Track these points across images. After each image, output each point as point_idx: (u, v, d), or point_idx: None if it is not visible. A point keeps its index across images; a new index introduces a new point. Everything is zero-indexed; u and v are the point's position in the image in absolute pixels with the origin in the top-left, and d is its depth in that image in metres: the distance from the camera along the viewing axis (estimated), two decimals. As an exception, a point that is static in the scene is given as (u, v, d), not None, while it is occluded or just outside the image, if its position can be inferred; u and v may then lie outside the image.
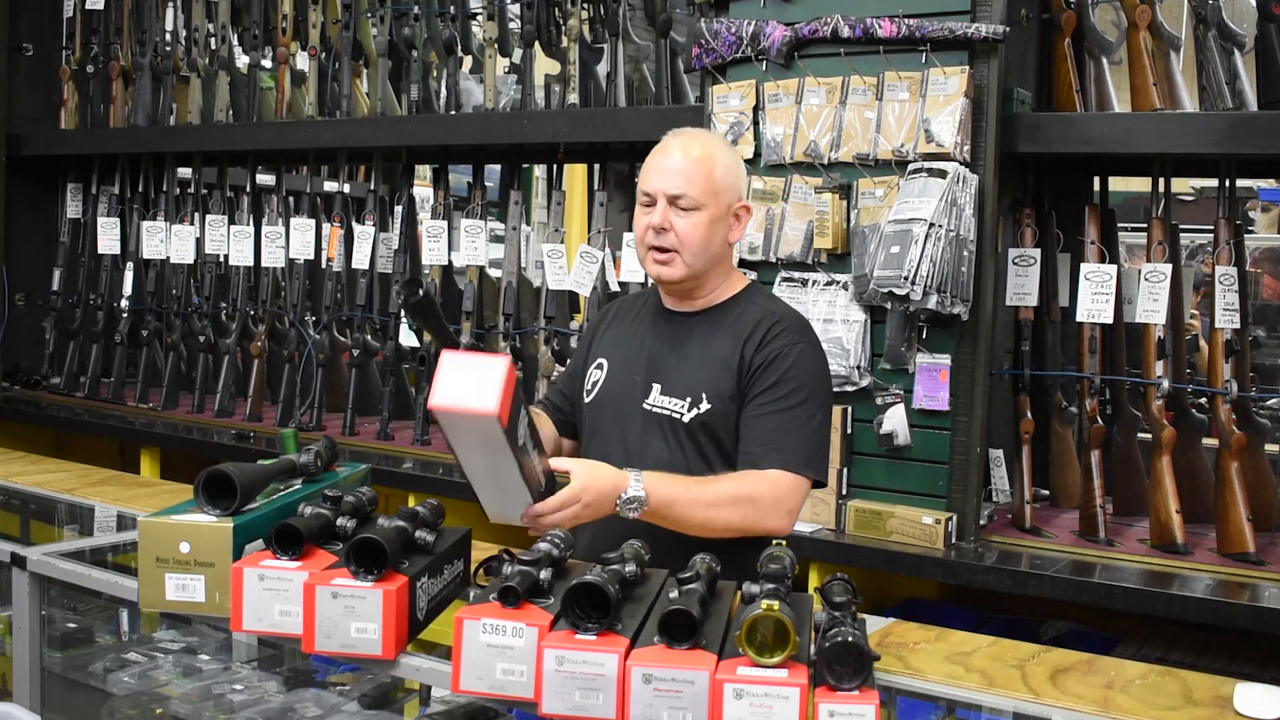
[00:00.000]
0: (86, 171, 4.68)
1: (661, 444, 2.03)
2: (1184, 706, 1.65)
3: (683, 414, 2.01)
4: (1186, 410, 2.90)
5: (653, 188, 2.00)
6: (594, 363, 2.17)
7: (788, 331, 2.01)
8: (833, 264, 2.86)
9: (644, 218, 2.01)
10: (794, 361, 1.98)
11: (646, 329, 2.13)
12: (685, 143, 2.03)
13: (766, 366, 1.98)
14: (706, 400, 2.00)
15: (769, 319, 2.02)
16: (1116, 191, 3.44)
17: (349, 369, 3.95)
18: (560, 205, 3.71)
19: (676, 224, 1.98)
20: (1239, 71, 2.67)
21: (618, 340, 2.17)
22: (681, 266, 2.00)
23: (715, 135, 2.11)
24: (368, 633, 1.56)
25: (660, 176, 1.99)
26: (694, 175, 1.98)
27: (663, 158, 2.02)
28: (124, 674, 2.42)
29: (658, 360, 2.07)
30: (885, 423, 2.75)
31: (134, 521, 2.31)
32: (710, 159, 2.00)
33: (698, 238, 1.98)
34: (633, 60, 3.59)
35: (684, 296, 2.08)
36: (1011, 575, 2.58)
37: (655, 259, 2.02)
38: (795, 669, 1.39)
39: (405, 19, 3.88)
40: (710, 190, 1.98)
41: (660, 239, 1.99)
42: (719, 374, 2.01)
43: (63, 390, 4.56)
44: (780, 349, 1.99)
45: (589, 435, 2.15)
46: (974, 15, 2.67)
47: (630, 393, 2.07)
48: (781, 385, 1.97)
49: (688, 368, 2.04)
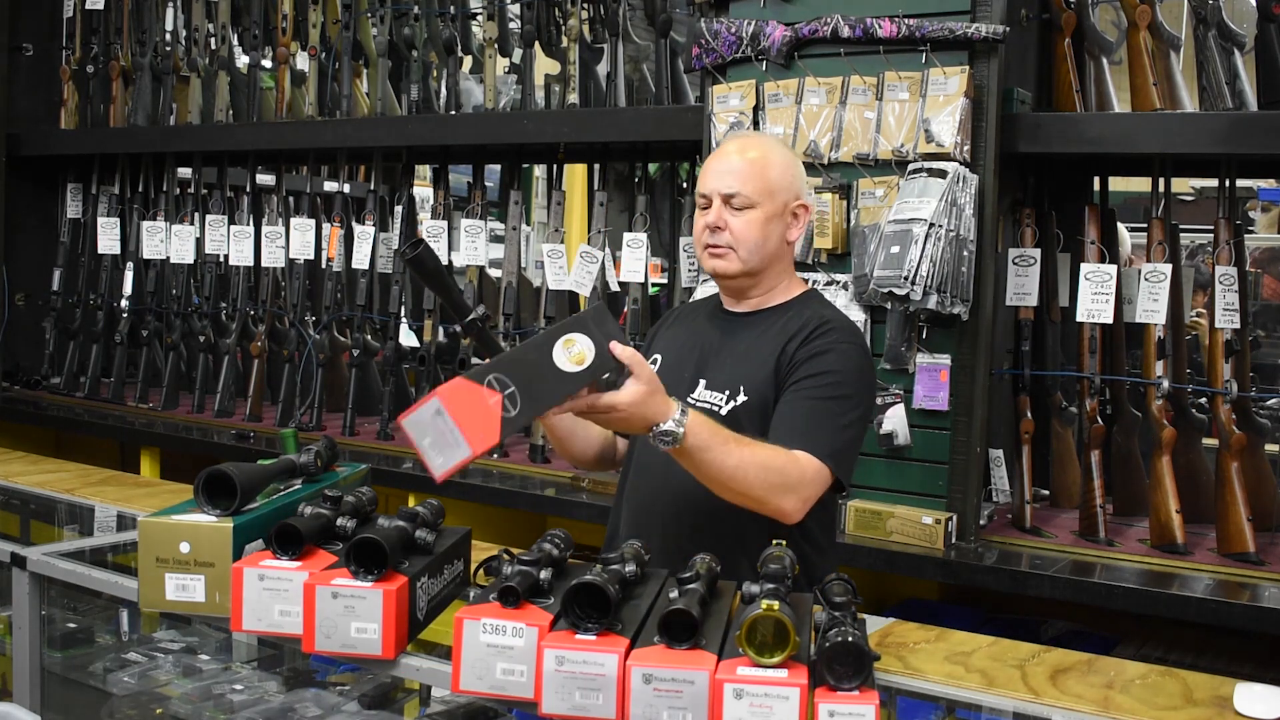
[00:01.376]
0: (86, 171, 4.67)
1: None
2: (1184, 706, 1.65)
3: (720, 406, 2.02)
4: (1186, 410, 2.90)
5: (708, 189, 2.04)
6: (650, 359, 2.17)
7: (835, 331, 2.01)
8: (833, 264, 2.86)
9: (701, 218, 2.05)
10: (838, 357, 1.97)
11: (703, 328, 2.16)
12: (741, 145, 2.07)
13: (808, 359, 1.98)
14: (744, 393, 2.01)
15: (817, 319, 2.03)
16: (1116, 191, 3.44)
17: (349, 369, 3.95)
18: (560, 205, 3.71)
19: (731, 222, 2.01)
20: (1239, 71, 2.67)
21: (675, 338, 2.19)
22: (736, 261, 2.02)
23: (772, 138, 2.17)
24: (368, 633, 1.56)
25: (715, 178, 2.03)
26: (747, 175, 2.01)
27: (719, 159, 2.06)
28: (124, 674, 2.42)
29: (707, 357, 2.09)
30: (885, 423, 2.75)
31: (134, 521, 2.31)
32: (765, 159, 2.03)
33: (753, 235, 2.01)
34: (633, 60, 3.59)
35: (741, 295, 2.10)
36: (1011, 575, 2.58)
37: (711, 252, 2.04)
38: (795, 669, 1.39)
39: (405, 19, 3.88)
40: (765, 189, 2.01)
41: (715, 237, 2.02)
42: (758, 368, 2.02)
43: (63, 390, 4.56)
44: (825, 345, 1.98)
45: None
46: (974, 15, 2.67)
47: (677, 388, 2.05)
48: (821, 377, 1.95)
49: (731, 363, 2.06)
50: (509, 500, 3.19)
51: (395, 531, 1.66)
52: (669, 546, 1.92)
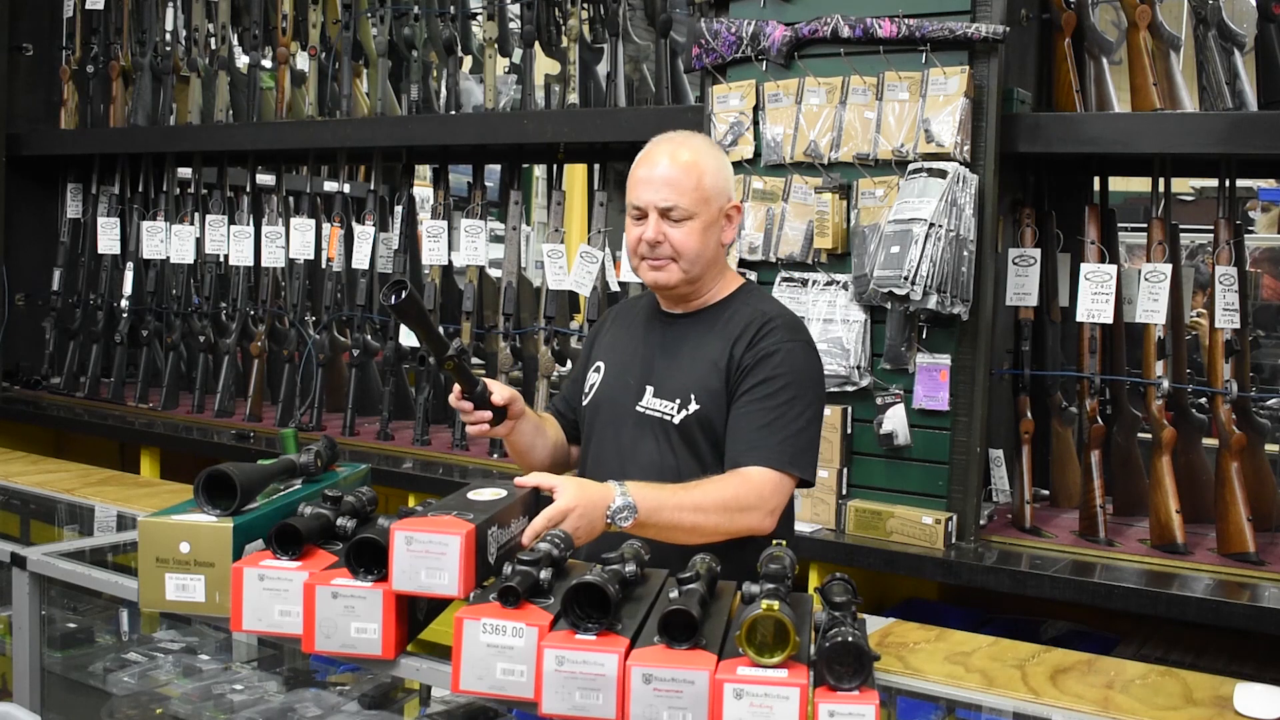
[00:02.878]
0: (86, 171, 4.68)
1: (653, 446, 2.03)
2: (1184, 706, 1.65)
3: (673, 415, 2.02)
4: (1186, 410, 2.90)
5: (643, 201, 1.99)
6: (592, 365, 2.18)
7: (778, 330, 2.00)
8: (833, 264, 2.85)
9: (635, 229, 2.00)
10: (783, 358, 1.97)
11: (641, 332, 2.13)
12: (671, 150, 2.01)
13: (755, 364, 1.97)
14: (696, 401, 2.00)
15: (760, 318, 2.02)
16: (1116, 191, 3.44)
17: (349, 369, 3.95)
18: (560, 205, 3.71)
19: (670, 234, 1.98)
20: (1239, 71, 2.67)
21: (615, 343, 2.17)
22: (678, 272, 2.00)
23: (699, 138, 2.10)
24: (368, 633, 1.56)
25: (649, 189, 1.98)
26: (683, 185, 1.97)
27: (649, 167, 2.00)
28: (124, 674, 2.42)
29: (651, 363, 2.08)
30: (885, 423, 2.75)
31: (134, 521, 2.31)
32: (698, 166, 1.99)
33: (693, 246, 1.98)
34: (633, 60, 3.59)
35: (680, 300, 2.08)
36: (1011, 575, 2.58)
37: (650, 265, 2.01)
38: (795, 669, 1.39)
39: (405, 19, 3.88)
40: (701, 199, 1.98)
41: (655, 251, 1.99)
42: (708, 374, 2.01)
43: (63, 390, 4.56)
44: (770, 346, 1.98)
45: (585, 438, 2.16)
46: (974, 15, 2.67)
47: (624, 395, 2.08)
48: (769, 383, 1.96)
49: (678, 369, 2.05)
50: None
51: (395, 531, 1.66)
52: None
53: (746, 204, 2.95)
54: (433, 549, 1.53)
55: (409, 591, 1.55)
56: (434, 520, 1.56)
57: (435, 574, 1.53)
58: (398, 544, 1.53)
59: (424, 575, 1.53)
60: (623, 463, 2.04)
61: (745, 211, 2.95)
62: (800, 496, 2.82)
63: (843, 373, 2.78)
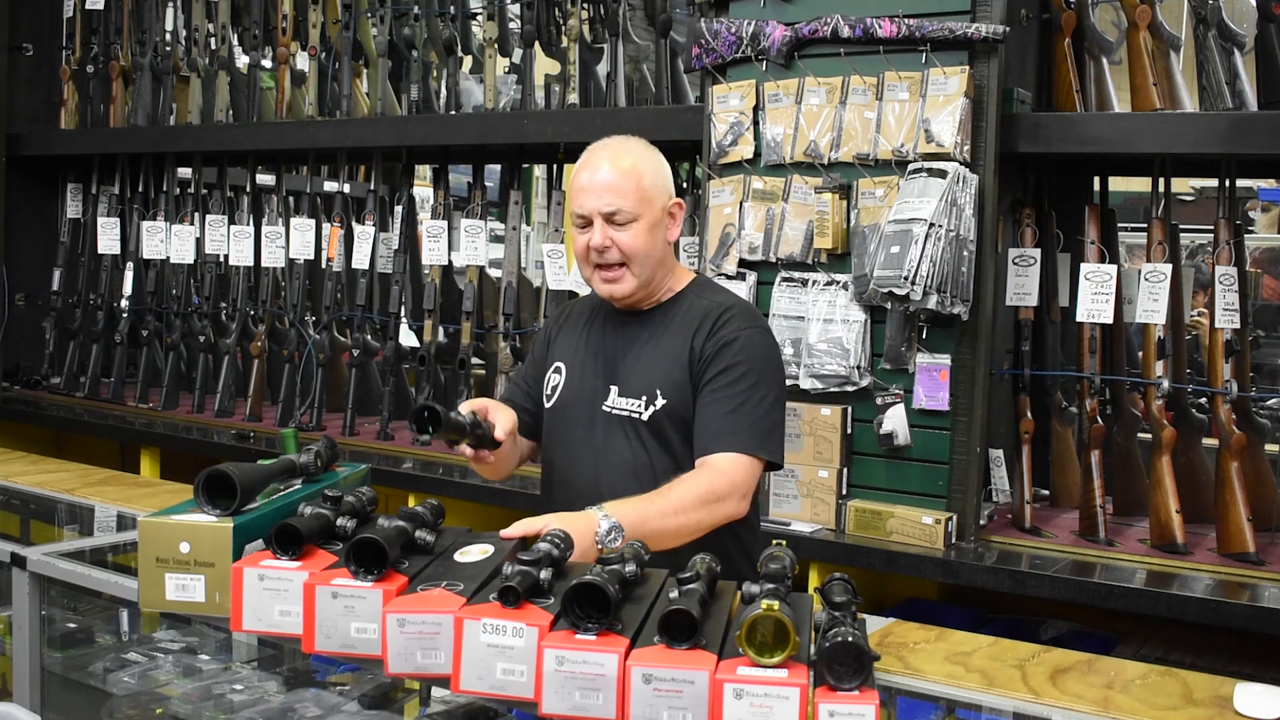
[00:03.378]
0: (86, 171, 4.68)
1: (624, 444, 2.05)
2: (1184, 706, 1.65)
3: (641, 413, 2.04)
4: (1186, 410, 2.90)
5: (586, 209, 2.01)
6: (551, 366, 2.19)
7: (735, 318, 2.04)
8: (833, 264, 2.85)
9: (582, 237, 2.03)
10: (742, 346, 2.01)
11: (599, 332, 2.15)
12: (611, 155, 2.04)
13: (716, 354, 2.01)
14: (662, 396, 2.03)
15: (716, 309, 2.06)
16: (1116, 191, 3.43)
17: (349, 369, 3.95)
18: (560, 205, 3.70)
19: (617, 238, 2.00)
20: (1239, 71, 2.67)
21: (573, 344, 2.19)
22: (631, 279, 2.03)
23: (635, 141, 2.11)
24: (368, 633, 1.56)
25: (591, 196, 2.01)
26: (623, 188, 1.99)
27: (590, 174, 2.03)
28: (124, 674, 2.42)
29: (613, 362, 2.10)
30: (885, 423, 2.75)
31: (134, 521, 2.31)
32: (636, 168, 2.02)
33: (640, 247, 2.01)
34: (633, 60, 3.59)
35: (635, 305, 2.12)
36: (1011, 575, 2.58)
37: (604, 278, 2.04)
38: (795, 669, 1.39)
39: (405, 19, 3.88)
40: (643, 199, 2.01)
41: (604, 256, 2.01)
42: (670, 368, 2.04)
43: (63, 390, 4.56)
44: (729, 335, 2.02)
45: (552, 441, 2.17)
46: (974, 15, 2.67)
47: (589, 397, 2.10)
48: (731, 370, 1.99)
49: (641, 367, 2.07)
50: (508, 500, 3.19)
51: (395, 531, 1.66)
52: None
53: (747, 204, 2.95)
54: (426, 629, 1.51)
55: (405, 674, 1.54)
56: (425, 597, 1.55)
57: (431, 654, 1.51)
58: (390, 626, 1.52)
59: (419, 656, 1.52)
60: (596, 463, 2.07)
61: (745, 211, 2.95)
62: (801, 497, 2.82)
63: (843, 373, 2.78)
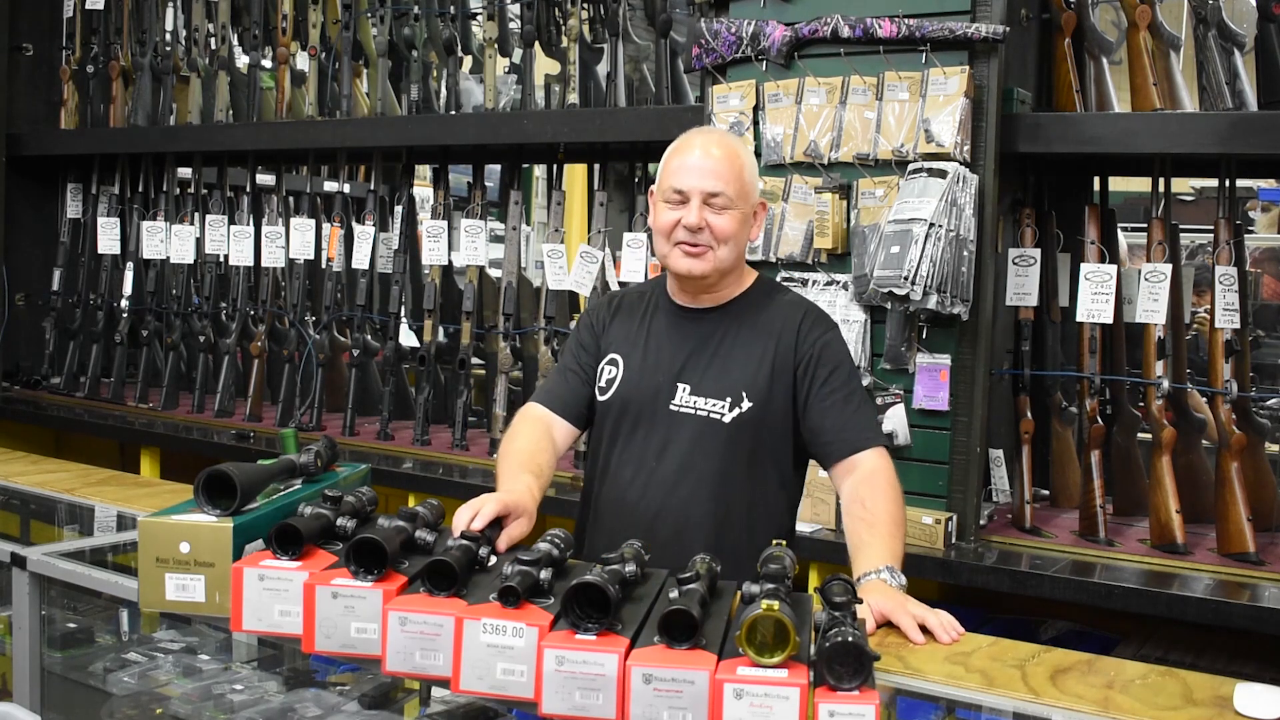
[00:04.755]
0: (86, 171, 4.68)
1: (692, 445, 2.03)
2: (1184, 706, 1.64)
3: (723, 414, 2.02)
4: (1186, 410, 2.90)
5: (687, 185, 1.98)
6: (605, 358, 2.13)
7: (819, 321, 2.08)
8: (833, 264, 2.85)
9: (672, 213, 1.99)
10: (836, 345, 2.07)
11: (662, 327, 2.10)
12: (715, 140, 2.04)
13: (818, 358, 2.03)
14: (748, 398, 2.02)
15: (795, 310, 2.08)
16: (1116, 191, 3.44)
17: (349, 369, 3.95)
18: (560, 205, 3.71)
19: (714, 222, 1.98)
20: (1239, 71, 2.67)
21: (629, 337, 2.13)
22: (713, 260, 2.00)
23: (734, 136, 2.15)
24: (368, 633, 1.56)
25: (694, 175, 1.98)
26: (727, 175, 1.99)
27: (697, 155, 2.00)
28: (124, 674, 2.41)
29: (681, 360, 2.06)
30: (885, 423, 2.75)
31: (134, 521, 2.31)
32: (739, 159, 2.02)
33: (733, 233, 2.00)
34: (633, 60, 3.59)
35: (700, 293, 2.07)
36: (1011, 575, 2.58)
37: (687, 251, 2.00)
38: (795, 669, 1.39)
39: (405, 19, 3.88)
40: (742, 190, 2.01)
41: (697, 237, 1.98)
42: (756, 371, 2.02)
43: (63, 390, 4.56)
44: (820, 337, 2.05)
45: (609, 437, 2.11)
46: (974, 15, 2.67)
47: (654, 394, 2.06)
48: (839, 373, 2.03)
49: (721, 367, 2.04)
50: (509, 500, 3.18)
51: (395, 531, 1.66)
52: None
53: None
54: (427, 629, 1.51)
55: (402, 673, 1.54)
56: (428, 599, 1.55)
57: (430, 655, 1.51)
58: (392, 624, 1.52)
59: (419, 656, 1.52)
60: (659, 464, 2.04)
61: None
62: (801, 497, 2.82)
63: (843, 373, 2.78)
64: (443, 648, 1.50)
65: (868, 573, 1.87)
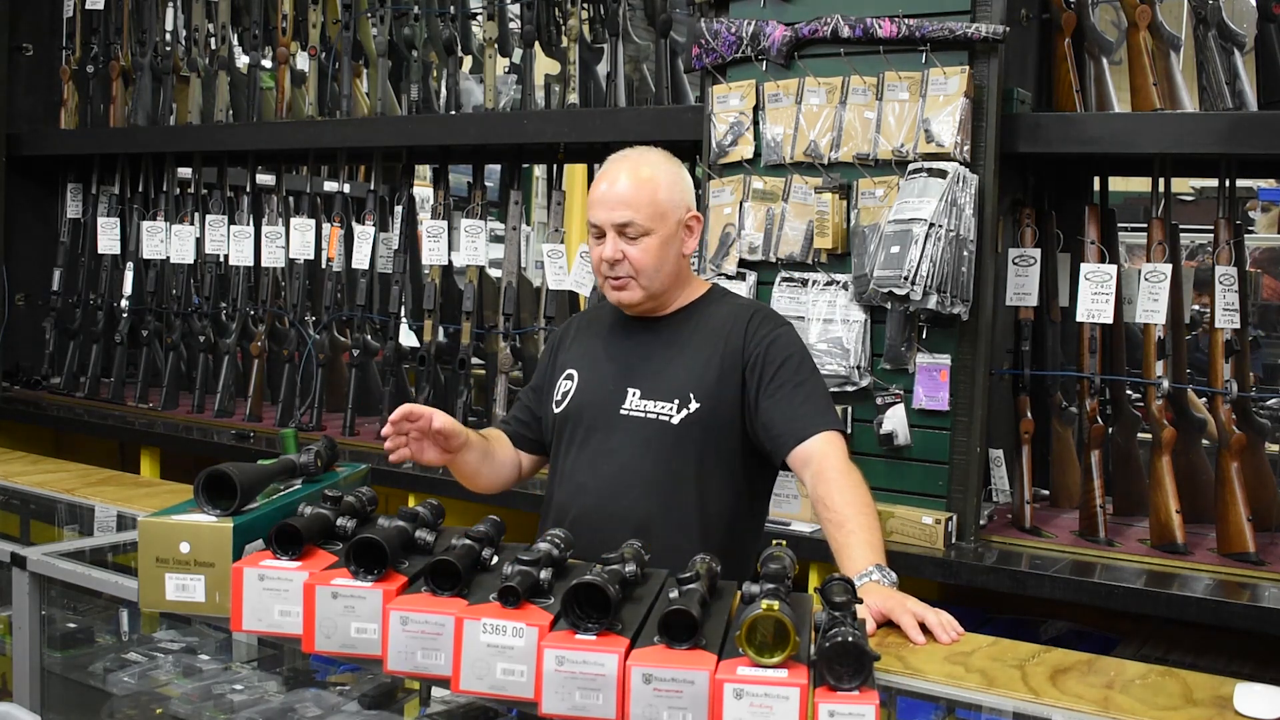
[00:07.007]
0: (86, 171, 4.67)
1: (641, 448, 2.04)
2: (1184, 706, 1.64)
3: (671, 416, 2.03)
4: (1186, 410, 2.90)
5: (598, 220, 2.03)
6: (562, 374, 2.18)
7: (766, 319, 2.09)
8: (833, 264, 2.85)
9: (596, 248, 2.05)
10: (784, 340, 2.07)
11: (614, 338, 2.15)
12: (626, 167, 2.04)
13: (764, 354, 2.04)
14: (695, 399, 2.03)
15: (742, 312, 2.10)
16: (1116, 191, 3.43)
17: (349, 369, 3.95)
18: (560, 205, 3.71)
19: (628, 252, 2.01)
20: (1239, 71, 2.67)
21: (585, 352, 2.18)
22: (638, 290, 2.04)
23: (656, 152, 2.11)
24: (368, 633, 1.56)
25: (603, 209, 2.02)
26: (638, 202, 2.00)
27: (604, 187, 2.03)
28: (124, 674, 2.41)
29: (630, 366, 2.09)
30: (885, 423, 2.75)
31: (134, 521, 2.31)
32: (653, 181, 2.02)
33: (650, 262, 2.02)
34: (633, 60, 3.59)
35: (644, 312, 2.12)
36: (1011, 575, 2.58)
37: (612, 285, 2.06)
38: (795, 669, 1.39)
39: (405, 19, 3.88)
40: (656, 214, 2.01)
41: (615, 269, 2.02)
42: (703, 372, 2.04)
43: (63, 390, 4.56)
44: (768, 335, 2.06)
45: (564, 446, 2.15)
46: (974, 15, 2.67)
47: (605, 400, 2.09)
48: (787, 365, 2.03)
49: (668, 371, 2.06)
50: (508, 500, 3.18)
51: (395, 531, 1.66)
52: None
53: (747, 204, 2.95)
54: (429, 629, 1.51)
55: (403, 672, 1.54)
56: (428, 599, 1.55)
57: (431, 654, 1.51)
58: (393, 624, 1.52)
59: (419, 655, 1.52)
60: (611, 467, 2.05)
61: (745, 211, 2.95)
62: (801, 497, 2.82)
63: (843, 373, 2.78)
64: (444, 647, 1.50)
65: (857, 576, 1.86)
